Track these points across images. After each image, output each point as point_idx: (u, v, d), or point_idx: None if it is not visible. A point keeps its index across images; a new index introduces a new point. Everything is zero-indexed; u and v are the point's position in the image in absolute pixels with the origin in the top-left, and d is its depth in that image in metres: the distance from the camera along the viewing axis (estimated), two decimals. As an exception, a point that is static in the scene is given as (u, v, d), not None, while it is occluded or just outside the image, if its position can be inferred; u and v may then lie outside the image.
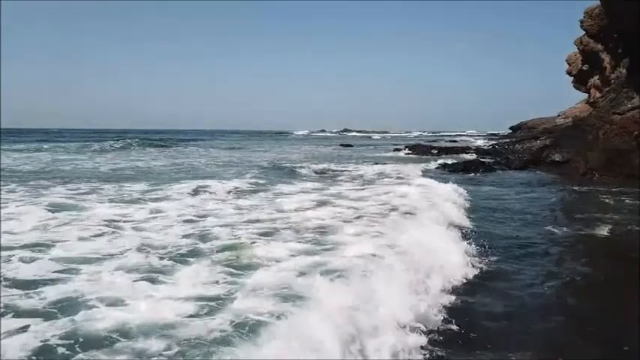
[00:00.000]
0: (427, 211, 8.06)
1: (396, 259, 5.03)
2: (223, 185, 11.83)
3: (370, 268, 4.71)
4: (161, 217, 7.72)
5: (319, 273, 4.54)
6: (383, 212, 8.25)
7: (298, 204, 9.10)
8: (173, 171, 16.37)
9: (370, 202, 9.33)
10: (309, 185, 12.61)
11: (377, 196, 10.08)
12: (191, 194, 10.53)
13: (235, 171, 16.64)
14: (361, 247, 5.64)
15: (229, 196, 10.30)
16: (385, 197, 9.90)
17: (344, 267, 4.86)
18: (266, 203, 9.32)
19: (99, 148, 31.16)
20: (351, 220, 7.64)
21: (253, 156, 26.55)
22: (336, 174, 15.93)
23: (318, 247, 5.83)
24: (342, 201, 9.61)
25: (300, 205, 9.00)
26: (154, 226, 6.99)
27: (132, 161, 21.04)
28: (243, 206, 8.85)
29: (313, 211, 8.33)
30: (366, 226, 7.15)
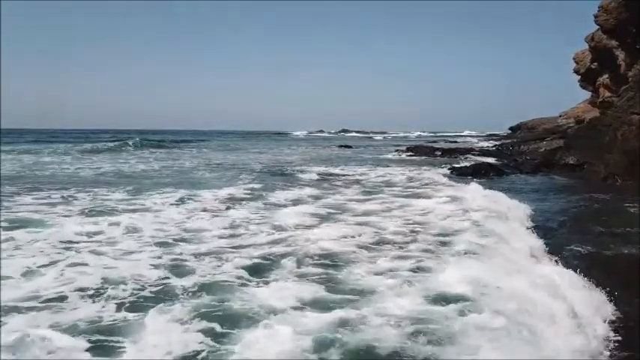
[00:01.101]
0: (471, 233, 6.72)
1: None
2: (213, 194, 10.64)
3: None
4: (131, 237, 6.51)
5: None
6: (405, 233, 6.87)
7: (299, 218, 7.87)
8: (161, 175, 15.14)
9: (384, 217, 8.06)
10: (309, 192, 11.43)
11: (390, 210, 8.79)
12: (175, 205, 9.34)
13: (229, 175, 15.44)
14: (406, 301, 4.02)
15: (219, 207, 9.08)
16: (401, 212, 8.59)
17: (389, 338, 3.35)
18: (261, 217, 8.10)
19: (89, 149, 29.93)
20: (370, 245, 6.22)
21: (250, 158, 25.35)
22: (337, 179, 14.73)
23: (335, 294, 4.35)
24: (350, 216, 8.37)
25: (300, 220, 7.76)
26: (119, 251, 5.77)
27: (119, 164, 19.83)
28: (233, 222, 7.63)
29: (318, 230, 7.05)
30: (397, 258, 5.52)
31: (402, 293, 4.23)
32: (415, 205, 9.09)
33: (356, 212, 8.67)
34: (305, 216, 8.12)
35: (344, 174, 16.39)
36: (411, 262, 5.34)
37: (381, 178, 14.67)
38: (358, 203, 9.77)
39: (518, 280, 4.39)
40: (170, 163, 20.91)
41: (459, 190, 11.12)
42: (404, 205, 9.25)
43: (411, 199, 9.91)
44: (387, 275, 4.83)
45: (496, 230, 6.82)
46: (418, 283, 4.53)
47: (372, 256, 5.66)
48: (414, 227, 7.20)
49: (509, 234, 6.63)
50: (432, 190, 11.45)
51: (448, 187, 11.75)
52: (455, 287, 4.30)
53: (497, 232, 6.69)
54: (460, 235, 6.54)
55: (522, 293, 4.06)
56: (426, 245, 6.09)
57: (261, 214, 8.42)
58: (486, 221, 7.43)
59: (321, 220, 7.81)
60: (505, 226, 7.18)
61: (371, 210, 8.82)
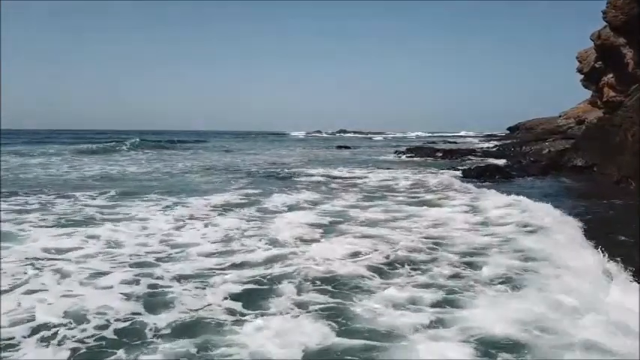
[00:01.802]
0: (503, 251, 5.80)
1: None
2: (204, 199, 9.89)
3: None
4: (107, 255, 5.75)
5: None
6: (421, 249, 6.03)
7: (297, 230, 7.11)
8: (150, 178, 14.36)
9: (392, 229, 7.25)
10: (307, 197, 10.69)
11: (397, 220, 7.98)
12: (162, 212, 8.58)
13: (223, 179, 14.68)
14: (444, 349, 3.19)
15: (210, 216, 8.32)
16: (411, 223, 7.74)
17: None
18: (255, 227, 7.35)
19: (83, 150, 29.14)
20: (382, 266, 5.33)
21: (246, 159, 24.57)
22: (335, 182, 13.98)
23: (349, 338, 3.47)
24: (353, 225, 7.60)
25: (299, 232, 6.98)
26: (90, 272, 5.01)
27: (109, 166, 19.03)
28: (225, 234, 6.88)
29: (319, 246, 6.26)
30: (418, 286, 4.59)
31: (435, 337, 3.43)
32: (426, 215, 8.28)
33: (359, 222, 7.91)
34: (304, 226, 7.36)
35: (343, 176, 15.65)
36: (435, 290, 4.50)
37: (383, 182, 13.91)
38: (360, 211, 9.01)
39: (590, 319, 3.51)
40: (163, 165, 20.12)
41: (473, 196, 10.33)
42: (412, 214, 8.47)
43: (419, 207, 9.10)
44: (409, 309, 4.02)
45: (537, 247, 5.83)
46: (452, 323, 3.72)
47: (386, 282, 4.81)
48: (431, 242, 6.35)
49: (559, 250, 5.59)
50: (442, 195, 10.63)
51: (460, 193, 10.90)
52: (501, 329, 3.51)
53: (540, 250, 5.69)
54: (489, 255, 5.69)
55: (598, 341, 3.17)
56: (450, 267, 5.23)
57: (256, 224, 7.67)
58: (520, 235, 6.56)
59: (321, 232, 7.04)
60: (549, 240, 6.14)
61: (375, 220, 8.04)
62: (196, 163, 21.53)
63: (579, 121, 47.19)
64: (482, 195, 10.33)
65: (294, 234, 6.79)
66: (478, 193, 10.78)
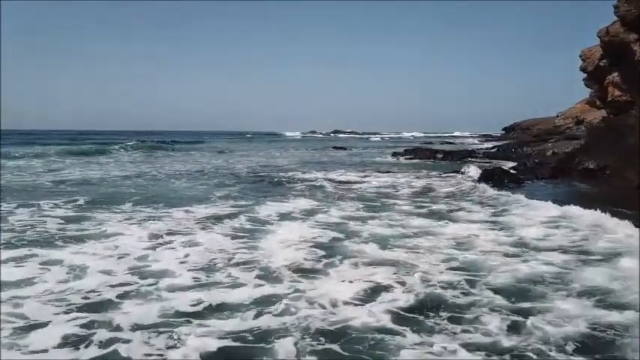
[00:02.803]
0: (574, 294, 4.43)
1: None
2: (187, 210, 8.77)
3: None
4: (54, 293, 4.61)
5: None
6: (455, 284, 4.75)
7: (293, 254, 5.95)
8: (131, 184, 13.19)
9: (407, 250, 6.09)
10: (302, 205, 9.64)
11: (409, 237, 6.86)
12: (137, 226, 7.46)
13: (212, 184, 13.54)
14: None
15: (192, 231, 7.21)
16: (427, 241, 6.60)
17: None
18: (244, 250, 6.21)
19: (69, 151, 27.98)
20: (411, 313, 4.03)
21: (240, 161, 23.43)
22: (333, 187, 12.89)
23: None
24: (359, 244, 6.46)
25: (296, 256, 5.81)
26: (22, 323, 3.88)
27: (91, 169, 17.83)
28: (207, 259, 5.76)
29: (324, 280, 4.97)
30: (474, 348, 3.39)
31: None
32: (442, 232, 7.15)
33: (364, 238, 6.80)
34: (300, 247, 6.25)
35: (339, 180, 14.58)
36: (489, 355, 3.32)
37: (383, 188, 12.84)
38: (362, 224, 7.92)
39: None
40: (150, 168, 18.94)
41: (493, 206, 9.22)
42: (425, 229, 7.36)
43: (431, 221, 7.99)
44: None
45: (617, 288, 4.46)
46: None
47: (421, 339, 3.54)
48: (462, 273, 5.10)
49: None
50: (454, 206, 9.51)
51: (476, 204, 9.72)
52: None
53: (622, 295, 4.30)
54: (547, 298, 4.39)
55: None
56: (500, 317, 3.92)
57: (244, 243, 6.54)
58: (583, 267, 5.28)
59: (322, 256, 5.88)
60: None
61: (383, 236, 6.94)
62: (186, 166, 20.37)
63: (578, 121, 46.39)
64: (506, 205, 9.22)
65: (289, 259, 5.67)
66: (498, 201, 9.68)
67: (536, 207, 8.79)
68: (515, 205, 9.26)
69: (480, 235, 6.79)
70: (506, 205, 9.42)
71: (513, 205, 9.20)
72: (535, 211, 8.42)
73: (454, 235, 6.93)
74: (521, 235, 6.76)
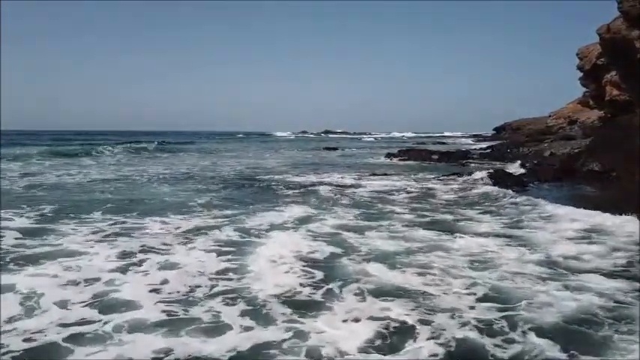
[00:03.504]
0: None
1: None
2: (166, 223, 7.85)
3: None
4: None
5: None
6: (492, 323, 3.80)
7: (286, 278, 5.05)
8: (109, 189, 12.19)
9: (419, 272, 5.18)
10: (294, 213, 8.79)
11: (415, 254, 5.98)
12: (106, 242, 6.53)
13: (196, 189, 12.61)
14: None
15: (168, 249, 6.30)
16: (437, 258, 5.73)
17: None
18: (227, 275, 5.30)
19: (54, 152, 26.94)
20: None
21: (228, 163, 22.48)
22: (326, 191, 12.01)
23: None
24: (361, 264, 5.57)
25: (289, 282, 4.90)
26: None
27: (70, 173, 16.77)
28: (182, 286, 4.85)
29: (325, 319, 4.00)
30: None
31: None
32: (452, 246, 6.28)
33: (365, 256, 5.93)
34: (293, 268, 5.36)
35: (333, 183, 13.72)
36: None
37: (380, 193, 12.00)
38: (360, 236, 7.06)
39: None
40: (133, 171, 17.93)
41: (507, 216, 8.37)
42: (432, 243, 6.48)
43: (438, 234, 7.11)
44: None
45: None
46: None
47: None
48: (497, 307, 4.16)
49: None
50: (460, 214, 8.69)
51: (485, 213, 8.84)
52: None
53: None
54: (622, 347, 3.42)
55: None
56: None
57: (228, 264, 5.65)
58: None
59: (320, 282, 4.97)
60: None
61: (386, 253, 6.07)
62: (171, 168, 19.37)
63: (571, 121, 45.99)
64: (519, 213, 8.36)
65: (282, 285, 4.78)
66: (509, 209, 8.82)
67: (555, 215, 7.98)
68: (530, 213, 8.42)
69: (499, 252, 5.95)
70: (519, 213, 8.58)
71: (528, 214, 8.36)
72: (557, 223, 7.58)
73: (467, 250, 6.08)
74: (547, 252, 5.89)
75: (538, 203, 9.31)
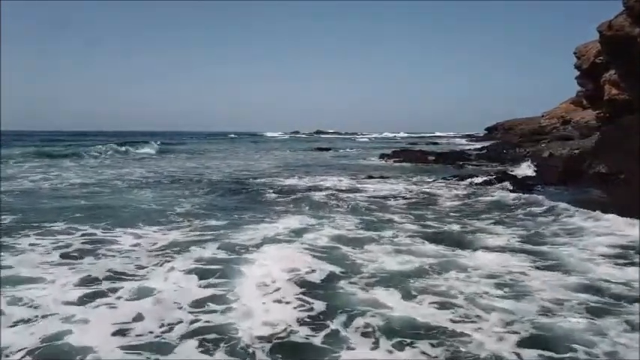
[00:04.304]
0: None
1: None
2: (140, 237, 6.95)
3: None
4: None
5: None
6: None
7: (278, 312, 4.17)
8: (82, 194, 11.21)
9: (438, 302, 4.33)
10: (289, 222, 7.99)
11: (429, 275, 5.11)
12: (67, 266, 5.62)
13: (179, 195, 11.71)
14: None
15: (139, 272, 5.41)
16: (456, 283, 4.81)
17: None
18: (211, 300, 4.47)
19: (43, 153, 25.94)
20: None
21: (217, 166, 21.54)
22: (321, 196, 11.16)
23: None
24: (366, 289, 4.69)
25: (283, 316, 4.06)
26: None
27: (49, 175, 15.76)
28: (154, 322, 3.98)
29: None
30: None
31: None
32: (472, 265, 5.42)
33: (369, 277, 5.08)
34: (287, 296, 4.49)
35: (327, 187, 12.87)
36: None
37: (378, 198, 11.18)
38: (362, 251, 6.23)
39: None
40: (115, 174, 16.94)
41: (524, 228, 7.51)
42: (448, 261, 5.60)
43: (448, 246, 6.27)
44: None
45: None
46: None
47: None
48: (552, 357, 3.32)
49: None
50: (469, 225, 7.87)
51: (497, 223, 7.99)
52: None
53: None
54: None
55: None
56: None
57: (213, 288, 4.79)
58: None
59: (319, 311, 4.15)
60: None
61: (393, 272, 5.22)
62: (157, 171, 18.40)
63: (564, 121, 45.54)
64: (536, 223, 7.53)
65: (274, 323, 3.91)
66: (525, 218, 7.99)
67: (578, 226, 7.19)
68: (551, 224, 7.62)
69: (527, 273, 5.12)
70: (536, 224, 7.76)
71: (548, 226, 7.55)
72: (584, 236, 6.75)
73: (488, 270, 5.26)
74: (586, 275, 5.03)
75: (554, 210, 8.53)
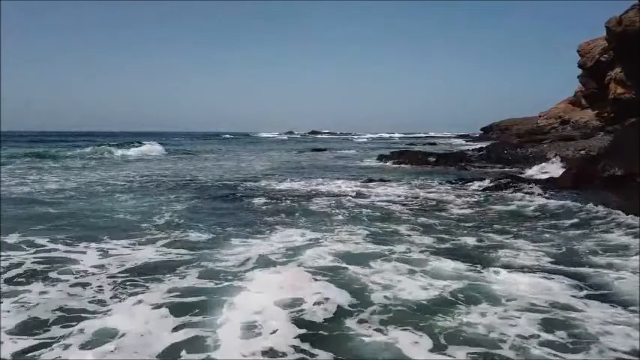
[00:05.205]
0: None
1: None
2: (108, 255, 5.91)
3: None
4: None
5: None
6: None
7: None
8: (56, 203, 10.13)
9: (472, 347, 3.37)
10: (284, 236, 6.99)
11: (455, 305, 4.08)
12: (11, 300, 4.59)
13: (161, 201, 10.67)
14: None
15: (97, 308, 4.40)
16: (496, 316, 3.82)
17: None
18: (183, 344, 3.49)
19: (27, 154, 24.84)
20: None
21: (208, 168, 20.49)
22: (319, 203, 10.18)
23: None
24: (388, 327, 3.63)
25: None
26: None
27: (25, 178, 14.67)
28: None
29: None
30: None
31: None
32: (505, 292, 4.41)
33: (385, 307, 4.08)
34: (282, 348, 3.47)
35: (326, 193, 11.89)
36: None
37: (383, 203, 10.21)
38: (370, 269, 5.24)
39: None
40: (97, 177, 15.85)
41: (553, 242, 6.50)
42: (473, 286, 4.57)
43: (469, 265, 5.27)
44: None
45: None
46: None
47: None
48: None
49: None
50: (486, 237, 6.85)
51: (518, 236, 6.90)
52: None
53: None
54: None
55: None
56: None
57: (188, 330, 3.76)
58: None
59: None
60: None
61: (411, 301, 4.22)
62: (143, 173, 17.32)
63: (563, 121, 44.87)
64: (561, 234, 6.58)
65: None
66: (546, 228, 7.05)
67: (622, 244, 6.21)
68: (583, 239, 6.64)
69: (576, 305, 4.12)
70: (564, 236, 6.80)
71: (580, 240, 6.57)
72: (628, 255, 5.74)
73: (527, 301, 4.25)
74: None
75: (583, 220, 7.58)
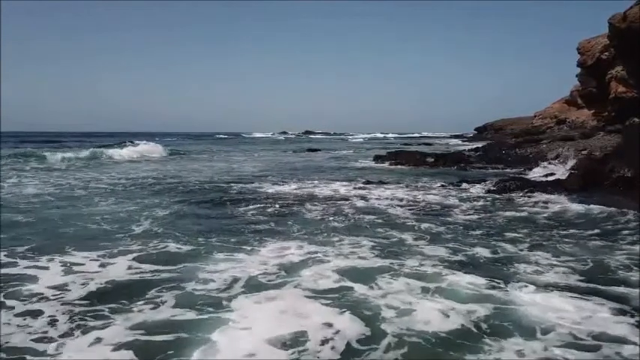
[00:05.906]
0: None
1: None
2: (77, 275, 5.13)
3: None
4: None
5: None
6: None
7: None
8: (29, 209, 9.27)
9: None
10: (278, 250, 6.23)
11: (502, 344, 3.32)
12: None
13: (143, 206, 9.87)
14: None
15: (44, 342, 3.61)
16: None
17: None
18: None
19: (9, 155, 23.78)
20: None
21: (198, 169, 19.64)
22: (316, 209, 9.42)
23: None
24: None
25: None
26: None
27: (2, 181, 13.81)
28: None
29: None
30: None
31: None
32: (533, 315, 3.69)
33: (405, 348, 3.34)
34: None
35: (323, 196, 11.13)
36: None
37: (385, 208, 9.47)
38: (380, 290, 4.51)
39: None
40: (77, 179, 14.99)
41: (576, 257, 5.71)
42: (501, 311, 3.85)
43: (488, 280, 4.55)
44: None
45: None
46: None
47: None
48: None
49: None
50: (499, 247, 6.10)
51: (535, 247, 6.13)
52: None
53: None
54: None
55: None
56: None
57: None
58: None
59: None
60: None
61: (436, 337, 3.48)
62: (129, 175, 16.45)
63: (559, 120, 44.39)
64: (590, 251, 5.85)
65: None
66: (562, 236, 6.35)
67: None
68: (609, 249, 5.94)
69: (629, 337, 3.43)
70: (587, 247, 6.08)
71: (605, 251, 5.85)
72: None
73: (567, 331, 3.56)
74: None
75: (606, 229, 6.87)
